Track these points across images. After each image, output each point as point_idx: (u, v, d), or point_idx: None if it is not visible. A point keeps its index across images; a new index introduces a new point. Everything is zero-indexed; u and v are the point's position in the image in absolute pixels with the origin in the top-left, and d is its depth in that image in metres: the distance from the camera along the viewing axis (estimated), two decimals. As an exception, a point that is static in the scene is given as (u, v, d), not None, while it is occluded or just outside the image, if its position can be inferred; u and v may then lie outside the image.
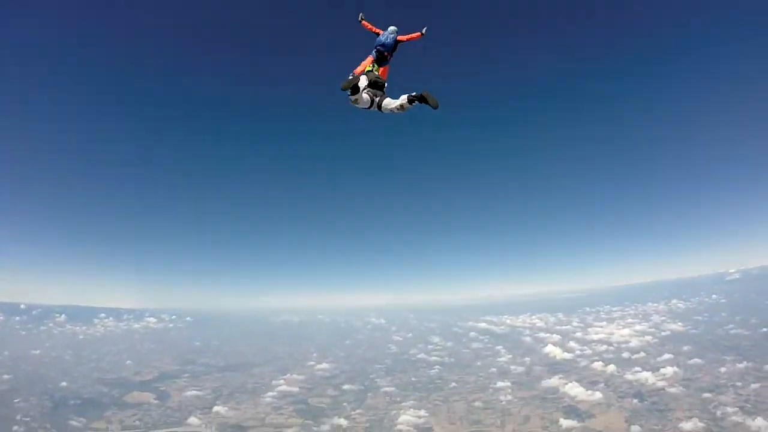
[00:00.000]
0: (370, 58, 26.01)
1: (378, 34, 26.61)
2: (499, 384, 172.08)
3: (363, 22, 27.47)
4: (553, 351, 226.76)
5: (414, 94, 24.05)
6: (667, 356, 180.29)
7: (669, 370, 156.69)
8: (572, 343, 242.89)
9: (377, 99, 24.21)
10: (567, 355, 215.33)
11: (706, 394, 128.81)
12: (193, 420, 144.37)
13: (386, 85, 25.24)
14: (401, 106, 24.13)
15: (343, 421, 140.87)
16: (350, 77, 24.19)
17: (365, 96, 24.05)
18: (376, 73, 25.01)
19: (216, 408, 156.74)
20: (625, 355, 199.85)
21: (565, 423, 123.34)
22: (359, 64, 25.83)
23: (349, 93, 23.99)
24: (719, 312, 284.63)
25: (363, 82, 24.54)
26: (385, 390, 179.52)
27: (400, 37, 25.99)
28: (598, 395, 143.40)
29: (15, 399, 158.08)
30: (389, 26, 26.67)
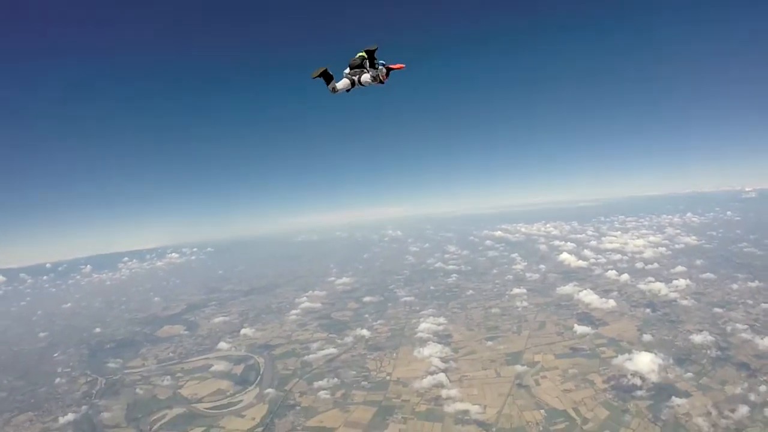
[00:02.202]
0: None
1: None
2: (515, 291, 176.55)
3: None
4: (568, 259, 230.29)
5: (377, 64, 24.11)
6: (680, 269, 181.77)
7: (681, 283, 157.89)
8: (586, 252, 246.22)
9: (356, 78, 23.80)
10: (581, 263, 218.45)
11: (717, 309, 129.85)
12: (222, 345, 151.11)
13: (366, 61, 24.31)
14: (374, 77, 23.86)
15: (365, 332, 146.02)
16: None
17: (340, 85, 23.60)
18: (358, 58, 24.00)
19: (243, 330, 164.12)
20: (639, 265, 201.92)
21: (579, 329, 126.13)
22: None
23: (326, 83, 23.64)
24: (734, 229, 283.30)
25: (346, 70, 23.95)
26: (405, 300, 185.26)
27: (389, 65, 25.29)
28: (612, 303, 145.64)
29: (54, 354, 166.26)
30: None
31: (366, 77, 23.54)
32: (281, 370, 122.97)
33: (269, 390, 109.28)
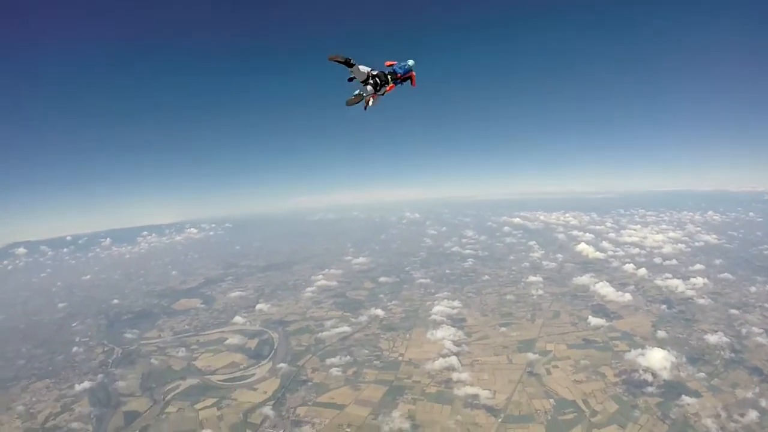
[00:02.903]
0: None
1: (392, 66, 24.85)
2: (531, 279, 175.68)
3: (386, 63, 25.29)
4: (586, 249, 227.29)
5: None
6: (698, 267, 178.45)
7: (699, 281, 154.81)
8: (605, 243, 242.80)
9: (371, 80, 22.50)
10: (599, 255, 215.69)
11: (733, 311, 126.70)
12: (238, 319, 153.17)
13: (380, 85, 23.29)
14: (370, 97, 22.86)
15: (380, 312, 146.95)
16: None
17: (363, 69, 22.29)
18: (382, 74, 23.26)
19: (259, 306, 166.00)
20: (657, 260, 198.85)
21: (593, 321, 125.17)
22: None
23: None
24: (755, 230, 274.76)
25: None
26: (420, 282, 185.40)
27: (412, 73, 24.86)
28: (628, 297, 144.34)
29: (72, 323, 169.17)
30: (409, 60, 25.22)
31: (369, 89, 22.65)
32: (295, 346, 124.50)
33: (282, 365, 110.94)
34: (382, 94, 23.55)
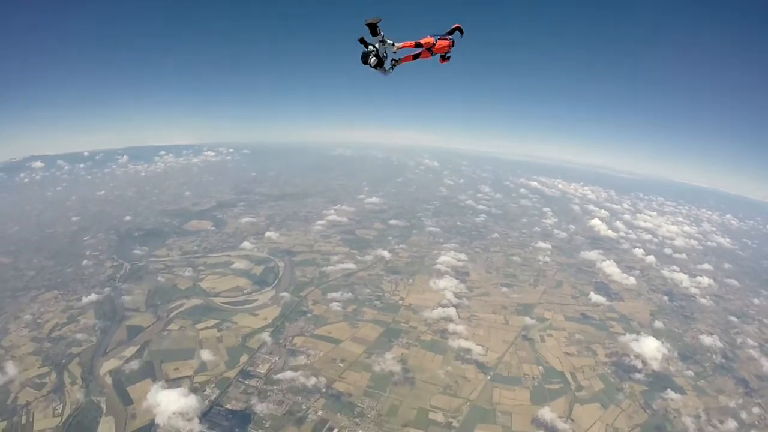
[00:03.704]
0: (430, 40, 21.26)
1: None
2: (540, 244, 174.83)
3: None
4: (599, 226, 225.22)
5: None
6: (706, 266, 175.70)
7: (705, 281, 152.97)
8: (618, 224, 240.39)
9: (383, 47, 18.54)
10: (611, 234, 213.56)
11: (732, 318, 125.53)
12: (246, 244, 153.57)
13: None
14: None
15: (386, 254, 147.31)
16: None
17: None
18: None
19: (268, 233, 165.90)
20: (667, 251, 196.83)
21: (594, 297, 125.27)
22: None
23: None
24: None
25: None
26: (430, 230, 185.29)
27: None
28: (632, 281, 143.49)
29: (84, 237, 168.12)
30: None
31: (372, 59, 19.98)
32: (299, 277, 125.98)
33: (284, 294, 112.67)
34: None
